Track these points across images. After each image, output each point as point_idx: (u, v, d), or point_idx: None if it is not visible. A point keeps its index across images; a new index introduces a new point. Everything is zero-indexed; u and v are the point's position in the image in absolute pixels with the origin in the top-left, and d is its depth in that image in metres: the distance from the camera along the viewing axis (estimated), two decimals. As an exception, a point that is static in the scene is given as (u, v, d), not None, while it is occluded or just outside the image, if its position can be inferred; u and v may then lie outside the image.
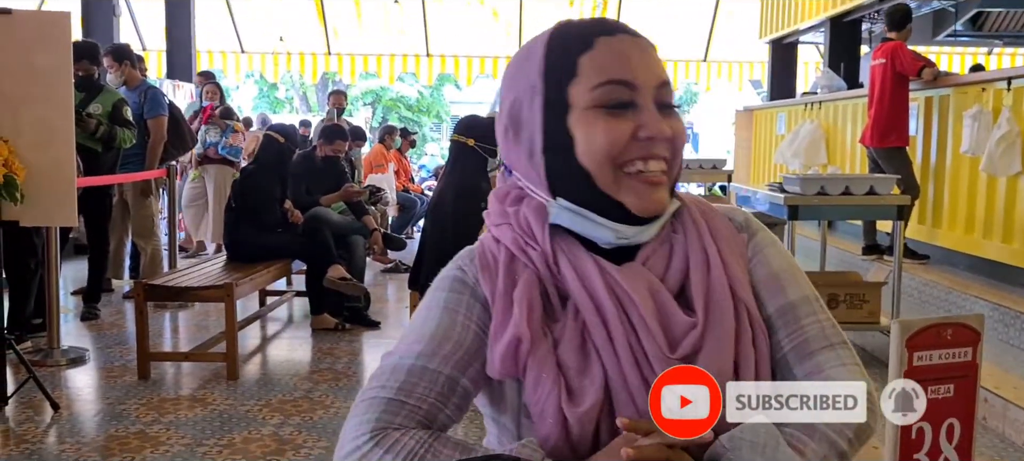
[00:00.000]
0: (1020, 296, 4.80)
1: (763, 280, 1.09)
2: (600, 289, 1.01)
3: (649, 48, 1.05)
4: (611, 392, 0.99)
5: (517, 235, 1.06)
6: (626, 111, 1.01)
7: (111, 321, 5.53)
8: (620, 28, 1.05)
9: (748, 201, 5.08)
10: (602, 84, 1.01)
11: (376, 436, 0.99)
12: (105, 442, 3.41)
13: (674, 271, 1.05)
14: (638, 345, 1.00)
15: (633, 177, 1.02)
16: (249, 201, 5.19)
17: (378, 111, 27.03)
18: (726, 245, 1.08)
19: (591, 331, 1.01)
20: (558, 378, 0.99)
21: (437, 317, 1.05)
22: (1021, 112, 4.93)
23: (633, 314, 1.00)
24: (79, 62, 5.32)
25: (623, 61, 1.02)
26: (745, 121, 10.41)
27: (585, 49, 1.03)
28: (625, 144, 1.00)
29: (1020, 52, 12.47)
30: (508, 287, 1.03)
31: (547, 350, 1.00)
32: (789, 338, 1.06)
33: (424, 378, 1.02)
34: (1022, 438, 3.39)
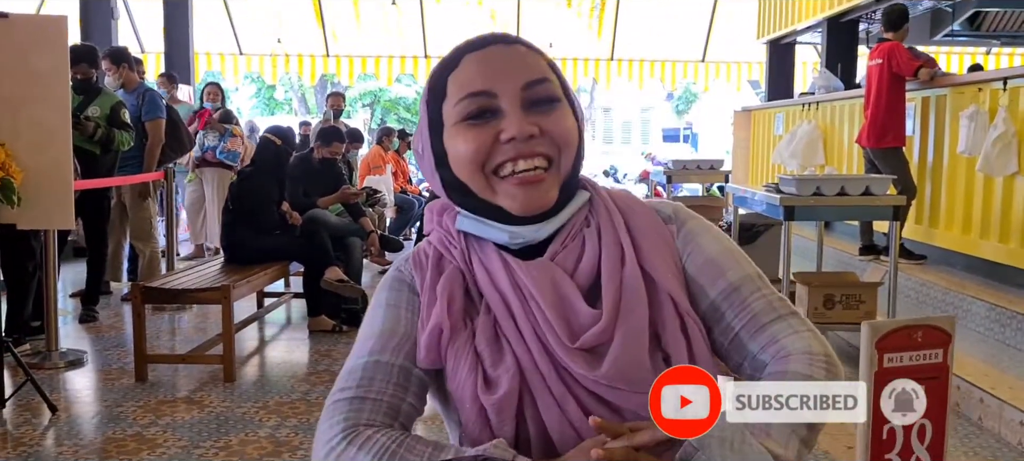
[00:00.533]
0: (1017, 296, 4.81)
1: (700, 267, 1.11)
2: (505, 284, 1.07)
3: (521, 52, 1.07)
4: (526, 380, 1.03)
5: (442, 236, 1.14)
6: (488, 119, 1.05)
7: (109, 323, 5.53)
8: (493, 40, 1.08)
9: (745, 201, 5.09)
10: (462, 99, 1.06)
11: (348, 435, 1.02)
12: (102, 444, 3.42)
13: (585, 265, 1.08)
14: (544, 336, 1.04)
15: (507, 180, 1.05)
16: (246, 203, 5.19)
17: (376, 113, 27.05)
18: (647, 237, 1.10)
19: (501, 324, 1.06)
20: (475, 366, 1.04)
21: (382, 315, 1.12)
22: (1017, 112, 4.94)
23: (535, 307, 1.05)
24: (77, 65, 5.34)
25: (482, 73, 1.05)
26: (743, 121, 10.42)
27: (452, 68, 1.08)
28: (488, 150, 1.05)
29: (1018, 52, 12.47)
30: (434, 281, 1.10)
31: (465, 340, 1.06)
32: (738, 318, 1.08)
33: (379, 372, 1.07)
34: (1017, 438, 3.39)
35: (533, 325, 1.04)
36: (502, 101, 1.04)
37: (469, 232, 1.12)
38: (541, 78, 1.06)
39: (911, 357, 0.64)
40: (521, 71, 1.05)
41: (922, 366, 0.64)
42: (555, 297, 1.04)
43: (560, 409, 1.02)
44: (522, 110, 1.04)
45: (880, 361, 0.63)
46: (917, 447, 0.65)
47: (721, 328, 1.10)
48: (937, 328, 0.64)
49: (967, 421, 3.70)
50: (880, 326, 0.62)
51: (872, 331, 0.62)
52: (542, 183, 1.05)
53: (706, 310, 1.10)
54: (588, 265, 1.08)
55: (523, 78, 1.05)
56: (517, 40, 1.09)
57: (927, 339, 0.64)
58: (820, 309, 4.40)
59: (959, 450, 3.39)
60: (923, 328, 0.63)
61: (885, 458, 0.65)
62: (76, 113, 5.13)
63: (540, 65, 1.07)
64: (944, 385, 0.65)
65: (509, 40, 1.08)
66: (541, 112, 1.05)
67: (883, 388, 0.63)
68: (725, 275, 1.10)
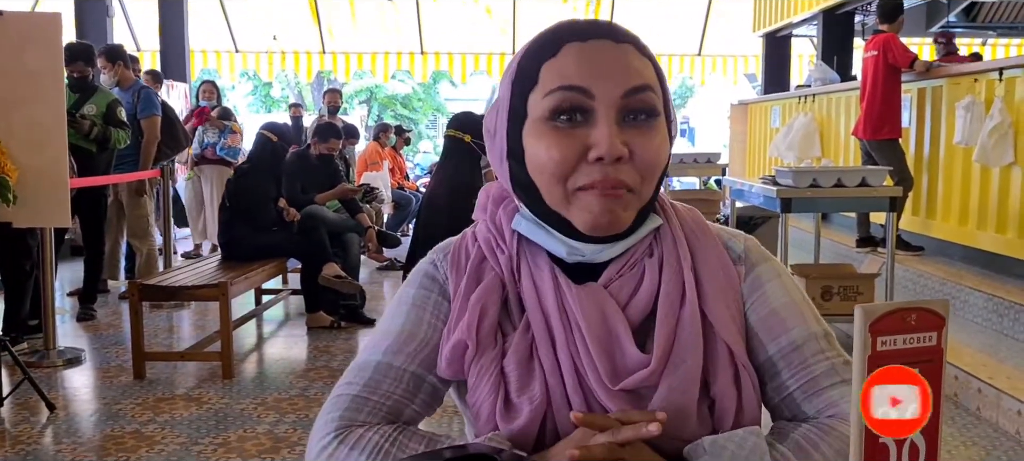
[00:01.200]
0: (1014, 286, 4.81)
1: (763, 319, 1.01)
2: (552, 306, 0.98)
3: (629, 52, 0.95)
4: (553, 411, 0.96)
5: (491, 235, 1.04)
6: (578, 124, 0.94)
7: (107, 322, 5.53)
8: (599, 32, 0.96)
9: (742, 194, 5.09)
10: (554, 91, 0.94)
11: (341, 434, 0.98)
12: (101, 442, 3.42)
13: (640, 299, 0.98)
14: (581, 367, 0.96)
15: (585, 191, 0.94)
16: (243, 200, 5.19)
17: (373, 109, 27.03)
18: (713, 278, 1.00)
19: (539, 347, 0.97)
20: (498, 387, 0.97)
21: (405, 313, 1.04)
22: (1013, 103, 4.94)
23: (578, 338, 0.96)
24: (74, 63, 5.34)
25: (583, 66, 0.94)
26: (740, 115, 10.42)
27: (550, 55, 0.96)
28: (573, 164, 0.94)
29: (1014, 43, 12.48)
30: (470, 289, 1.01)
31: (492, 358, 0.98)
32: (795, 378, 1.00)
33: (389, 375, 1.02)
34: (1015, 427, 3.40)
35: (573, 355, 0.96)
36: (598, 105, 0.93)
37: (524, 235, 1.02)
38: (644, 85, 0.94)
39: (905, 340, 0.63)
40: (625, 74, 0.94)
41: (916, 349, 0.64)
42: (603, 331, 0.96)
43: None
44: (617, 121, 0.93)
45: (874, 345, 0.63)
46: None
47: (775, 385, 1.01)
48: (931, 311, 0.64)
49: (965, 411, 3.70)
50: (873, 309, 0.62)
51: (865, 314, 0.62)
52: (619, 199, 0.94)
53: (763, 363, 1.01)
54: (643, 299, 0.98)
55: (626, 83, 0.93)
56: (627, 36, 0.97)
57: (921, 322, 0.64)
58: (818, 300, 4.40)
59: (957, 439, 3.40)
60: (916, 311, 0.63)
61: (879, 442, 0.65)
62: (72, 111, 5.12)
63: (647, 71, 0.96)
64: (938, 368, 0.65)
65: (618, 36, 0.96)
66: (636, 126, 0.94)
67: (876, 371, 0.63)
68: (788, 332, 1.00)
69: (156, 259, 6.07)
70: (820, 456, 0.94)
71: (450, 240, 1.09)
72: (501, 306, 1.00)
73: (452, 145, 3.92)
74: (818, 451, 0.95)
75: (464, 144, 3.89)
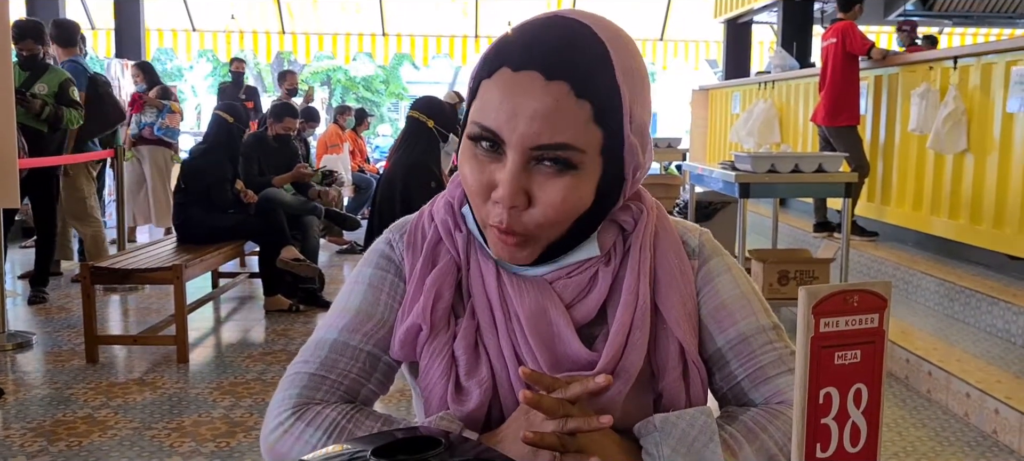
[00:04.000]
0: (966, 271, 4.91)
1: (712, 311, 1.02)
2: (494, 295, 0.98)
3: (559, 96, 0.86)
4: (498, 398, 0.97)
5: (449, 217, 1.02)
6: (493, 155, 0.90)
7: (59, 305, 5.43)
8: (532, 62, 0.87)
9: (702, 179, 5.13)
10: (474, 122, 0.91)
11: (298, 411, 0.99)
12: (52, 427, 3.36)
13: (588, 303, 0.97)
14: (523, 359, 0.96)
15: (492, 226, 0.92)
16: (199, 182, 5.12)
17: (336, 92, 26.79)
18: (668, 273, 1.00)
19: (483, 334, 0.98)
20: (449, 371, 0.97)
21: (362, 293, 1.04)
22: (967, 91, 5.02)
23: (517, 328, 0.96)
24: (23, 41, 5.21)
25: (503, 104, 0.88)
26: (701, 100, 10.48)
27: (487, 75, 0.91)
28: (484, 194, 0.92)
29: (969, 31, 12.69)
30: (425, 271, 1.00)
31: (444, 342, 0.98)
32: (743, 368, 1.01)
33: (345, 354, 1.02)
34: (964, 409, 3.47)
35: (514, 344, 0.96)
36: (508, 148, 0.88)
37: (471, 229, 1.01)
38: (559, 143, 0.87)
39: (847, 322, 0.64)
40: (540, 126, 0.86)
41: (858, 331, 0.65)
42: (542, 323, 0.95)
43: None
44: (524, 166, 0.88)
45: (817, 326, 0.63)
46: (853, 412, 0.66)
47: (723, 375, 1.03)
48: (873, 293, 0.64)
49: (916, 394, 3.77)
50: (816, 291, 0.62)
51: (809, 296, 0.62)
52: (517, 247, 0.93)
53: (712, 355, 1.02)
54: (591, 303, 0.97)
55: (537, 138, 0.87)
56: (563, 72, 0.87)
57: (863, 304, 0.64)
58: (775, 285, 4.45)
59: (908, 421, 3.46)
60: (859, 293, 0.63)
61: (821, 422, 0.65)
62: (22, 90, 5.01)
63: (573, 120, 0.87)
64: (880, 349, 0.65)
65: (552, 71, 0.87)
66: (543, 176, 0.89)
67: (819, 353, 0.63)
68: (737, 324, 1.01)
69: (103, 241, 5.93)
70: (768, 437, 0.96)
71: (407, 219, 1.08)
72: (455, 290, 1.00)
73: (414, 126, 3.91)
74: (766, 433, 0.96)
75: (426, 128, 3.87)
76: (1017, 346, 4.02)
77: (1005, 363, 3.76)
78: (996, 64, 4.76)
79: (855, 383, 0.65)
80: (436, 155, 3.97)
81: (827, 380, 0.64)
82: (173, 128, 7.51)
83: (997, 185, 4.73)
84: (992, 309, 4.26)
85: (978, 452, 3.16)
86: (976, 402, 3.40)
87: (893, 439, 3.27)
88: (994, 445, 3.20)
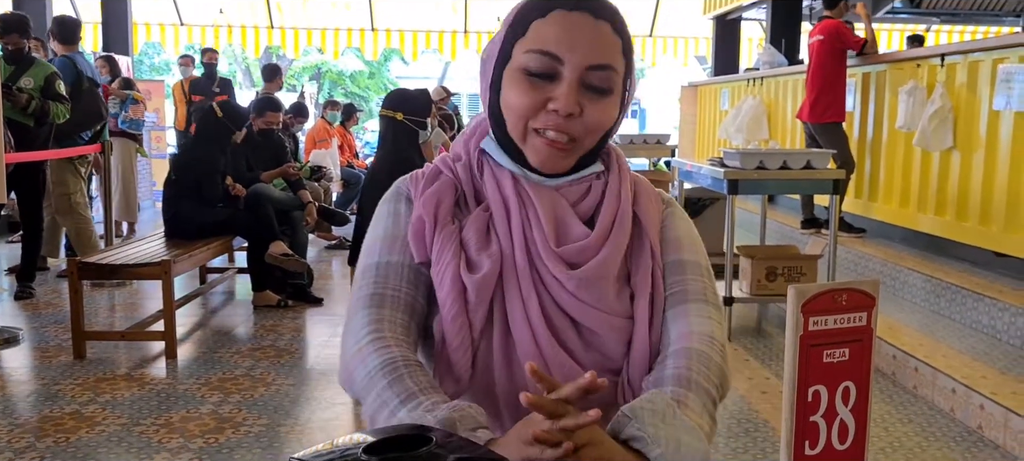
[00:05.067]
0: (952, 267, 4.94)
1: (668, 239, 1.25)
2: (509, 190, 1.18)
3: (604, 30, 1.12)
4: (502, 270, 1.15)
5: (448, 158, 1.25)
6: (546, 81, 1.12)
7: (46, 300, 5.40)
8: (584, 5, 1.12)
9: (691, 176, 5.14)
10: (532, 51, 1.12)
11: (374, 334, 1.13)
12: (39, 423, 3.34)
13: (587, 202, 1.21)
14: (531, 236, 1.16)
15: (539, 136, 1.14)
16: (190, 174, 5.10)
17: (324, 86, 26.71)
18: (647, 198, 1.25)
19: (495, 220, 1.18)
20: (458, 252, 1.16)
21: (384, 222, 1.23)
22: (954, 88, 5.05)
23: (532, 215, 1.17)
24: (8, 35, 5.18)
25: (561, 36, 1.11)
26: (690, 97, 10.50)
27: (540, 16, 1.13)
28: (534, 111, 1.13)
29: (955, 29, 12.76)
30: (427, 188, 1.21)
31: (452, 230, 1.17)
32: (671, 287, 1.22)
33: (391, 271, 1.19)
34: (949, 405, 3.49)
35: (524, 226, 1.16)
36: (565, 69, 1.11)
37: (489, 153, 1.22)
38: (606, 65, 1.12)
39: (835, 320, 0.64)
40: (594, 50, 1.11)
41: (846, 329, 0.65)
42: (552, 211, 1.17)
43: (523, 304, 1.14)
44: (577, 87, 1.12)
45: (806, 324, 0.63)
46: (841, 409, 0.66)
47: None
48: (861, 291, 0.65)
49: (902, 389, 3.80)
50: (805, 290, 0.63)
51: (798, 295, 0.63)
52: (563, 152, 1.15)
53: None
54: (589, 204, 1.20)
55: (591, 58, 1.11)
56: (606, 13, 1.13)
57: (851, 302, 0.65)
58: (763, 281, 4.47)
59: (894, 417, 3.48)
60: (847, 291, 0.64)
61: (810, 420, 0.65)
62: (8, 84, 4.98)
63: (614, 50, 1.13)
64: (868, 347, 0.66)
65: (599, 11, 1.13)
66: (591, 96, 1.13)
67: (808, 351, 0.64)
68: (680, 252, 1.24)
69: (90, 235, 5.90)
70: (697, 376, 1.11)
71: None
72: (455, 202, 1.21)
73: (387, 124, 3.93)
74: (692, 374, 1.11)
75: (397, 122, 3.89)
76: (1002, 342, 4.05)
77: (990, 359, 3.79)
78: (983, 62, 4.79)
79: (843, 381, 0.66)
80: (415, 146, 3.98)
81: (816, 378, 0.64)
82: (137, 120, 7.43)
83: (983, 182, 4.76)
84: (978, 305, 4.29)
85: (964, 447, 3.18)
86: (962, 398, 3.43)
87: (879, 434, 3.29)
88: (979, 440, 3.23)
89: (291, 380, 3.89)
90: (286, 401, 3.61)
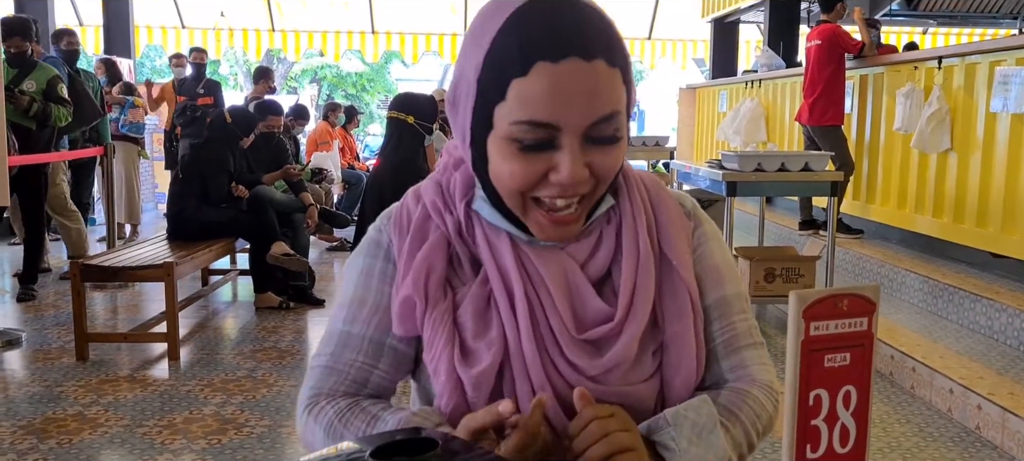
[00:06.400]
0: (949, 269, 4.96)
1: (707, 271, 1.09)
2: (509, 263, 1.01)
3: (599, 70, 0.91)
4: (509, 360, 1.00)
5: (437, 198, 1.06)
6: (543, 151, 0.93)
7: (49, 302, 5.42)
8: (571, 50, 0.90)
9: (689, 178, 5.16)
10: (522, 122, 0.92)
11: (309, 406, 1.09)
12: (42, 424, 3.36)
13: (597, 261, 1.03)
14: (543, 320, 1.00)
15: (540, 206, 0.97)
16: (197, 171, 5.15)
17: (324, 89, 26.72)
18: (672, 226, 1.07)
19: (496, 299, 1.01)
20: (452, 337, 1.00)
21: (354, 281, 1.09)
22: (951, 90, 5.08)
23: (542, 292, 1.01)
24: (10, 39, 5.20)
25: (553, 99, 0.90)
26: (688, 99, 10.52)
27: (519, 73, 0.91)
28: (533, 184, 0.95)
29: (952, 32, 12.79)
30: (414, 248, 1.04)
31: (444, 310, 1.01)
32: (721, 331, 1.08)
33: (350, 344, 1.08)
34: (947, 405, 3.52)
35: (532, 308, 1.00)
36: (564, 137, 0.92)
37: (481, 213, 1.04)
38: (611, 113, 0.93)
39: (837, 325, 0.67)
40: (593, 104, 0.91)
41: (847, 334, 0.67)
42: (566, 286, 1.01)
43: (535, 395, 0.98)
44: (581, 146, 0.93)
45: (807, 329, 0.66)
46: (842, 413, 0.69)
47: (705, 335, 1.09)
48: (862, 297, 0.67)
49: (900, 389, 3.82)
50: (806, 295, 0.65)
51: (799, 300, 0.65)
52: (570, 224, 0.98)
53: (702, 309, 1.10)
54: (601, 260, 1.03)
55: (593, 114, 0.92)
56: (597, 49, 0.91)
57: (852, 307, 0.67)
58: (761, 283, 4.49)
59: (892, 417, 3.50)
60: (848, 297, 0.66)
61: (811, 424, 0.68)
62: (10, 87, 5.00)
63: (615, 92, 0.93)
64: (869, 352, 0.68)
65: (589, 52, 0.90)
66: (599, 149, 0.94)
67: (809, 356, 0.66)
68: (724, 287, 1.09)
69: (84, 238, 5.96)
70: (744, 417, 1.05)
71: (393, 206, 1.12)
72: (447, 263, 1.04)
73: (395, 126, 3.94)
74: (742, 412, 1.06)
75: (407, 125, 3.90)
76: (999, 343, 4.08)
77: (987, 359, 3.82)
78: (980, 64, 4.82)
79: (844, 385, 0.68)
80: (421, 151, 4.00)
81: (817, 382, 0.67)
82: (137, 123, 7.46)
83: (980, 184, 4.79)
84: (975, 306, 4.32)
85: (961, 447, 3.21)
86: (959, 398, 3.45)
87: (878, 435, 3.31)
88: (977, 440, 3.25)
89: (293, 381, 3.91)
90: (288, 402, 3.63)
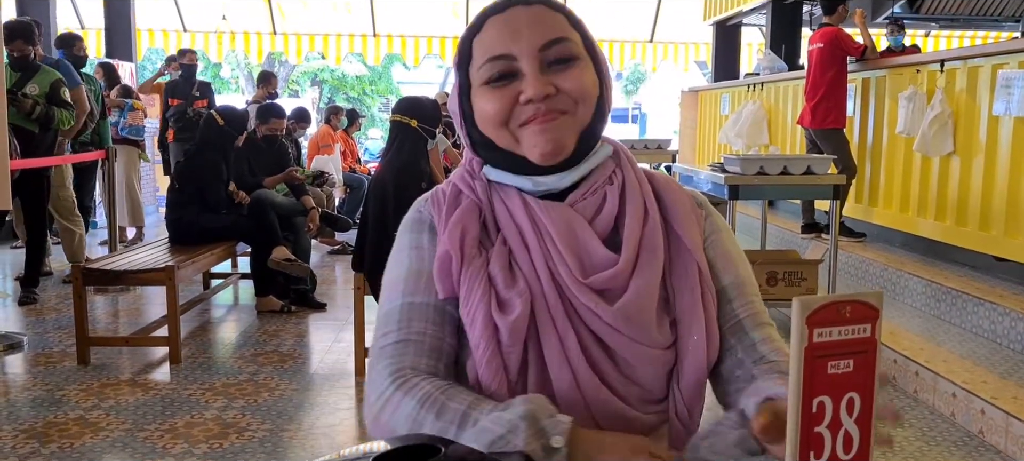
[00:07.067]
0: (952, 272, 4.95)
1: (719, 256, 1.18)
2: (523, 219, 1.12)
3: (540, 12, 1.10)
4: (534, 308, 1.09)
5: (466, 174, 1.18)
6: (510, 81, 1.09)
7: (50, 306, 5.42)
8: (514, 1, 1.11)
9: (691, 181, 5.15)
10: (484, 63, 1.10)
11: (396, 380, 1.08)
12: (43, 428, 3.36)
13: (604, 216, 1.13)
14: (556, 268, 1.09)
15: (526, 126, 1.09)
16: (193, 182, 5.13)
17: (325, 92, 26.74)
18: (680, 207, 1.17)
19: (515, 254, 1.11)
20: (488, 289, 1.09)
21: (406, 258, 1.16)
22: (953, 93, 5.07)
23: (549, 243, 1.10)
24: (13, 42, 5.20)
25: (503, 36, 1.09)
26: (690, 102, 10.52)
27: (476, 32, 1.13)
28: (510, 110, 1.09)
29: (955, 34, 12.77)
30: (450, 215, 1.14)
31: (479, 266, 1.10)
32: (744, 308, 1.16)
33: (415, 313, 1.12)
34: (950, 409, 3.51)
35: (546, 258, 1.10)
36: (521, 63, 1.08)
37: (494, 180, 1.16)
38: (559, 37, 1.09)
39: (840, 332, 0.66)
40: (539, 32, 1.09)
41: (851, 340, 0.67)
42: (570, 236, 1.10)
43: (560, 342, 1.08)
44: (540, 71, 1.08)
45: (810, 336, 0.65)
46: (846, 420, 0.68)
47: (725, 313, 1.16)
48: (865, 303, 0.67)
49: (903, 394, 3.81)
50: (810, 302, 0.64)
51: (802, 307, 0.64)
52: (555, 124, 1.09)
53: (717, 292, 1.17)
54: (607, 216, 1.13)
55: (541, 39, 1.08)
56: (534, 2, 1.11)
57: (855, 314, 0.66)
58: (763, 286, 4.48)
59: (895, 422, 3.49)
60: (851, 303, 0.66)
61: (815, 431, 0.67)
62: (13, 91, 5.00)
63: (559, 24, 1.11)
64: (872, 359, 0.68)
65: (527, 2, 1.10)
66: (559, 71, 1.09)
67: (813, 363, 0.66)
68: (737, 270, 1.18)
69: (84, 245, 5.97)
70: None
71: (427, 193, 1.21)
72: (481, 227, 1.14)
73: (398, 130, 3.93)
74: None
75: (411, 128, 3.90)
76: (1003, 347, 4.06)
77: (991, 364, 3.81)
78: (982, 67, 4.81)
79: (848, 392, 0.67)
80: (424, 155, 3.99)
81: (820, 389, 0.66)
82: (137, 126, 7.47)
83: (983, 187, 4.78)
84: (978, 310, 4.31)
85: (965, 452, 3.20)
86: (962, 402, 3.44)
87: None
88: (980, 445, 3.24)
89: (294, 385, 3.91)
90: (290, 406, 3.63)
